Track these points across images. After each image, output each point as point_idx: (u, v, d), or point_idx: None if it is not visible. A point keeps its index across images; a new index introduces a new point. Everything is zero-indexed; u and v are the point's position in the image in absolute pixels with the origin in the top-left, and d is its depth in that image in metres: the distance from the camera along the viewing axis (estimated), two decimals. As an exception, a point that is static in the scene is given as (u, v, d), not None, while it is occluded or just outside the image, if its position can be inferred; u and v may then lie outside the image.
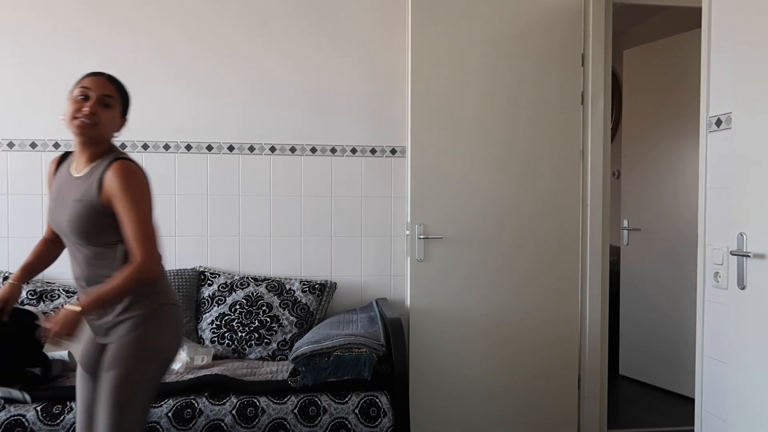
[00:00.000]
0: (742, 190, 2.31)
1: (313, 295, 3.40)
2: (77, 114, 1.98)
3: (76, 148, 2.06)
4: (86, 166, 2.04)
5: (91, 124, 1.98)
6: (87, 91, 2.01)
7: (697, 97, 2.78)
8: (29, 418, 2.51)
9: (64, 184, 2.07)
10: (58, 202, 2.06)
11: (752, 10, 2.27)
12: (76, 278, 2.10)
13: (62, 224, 2.03)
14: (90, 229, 2.00)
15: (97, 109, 2.00)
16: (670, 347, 4.40)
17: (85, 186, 2.00)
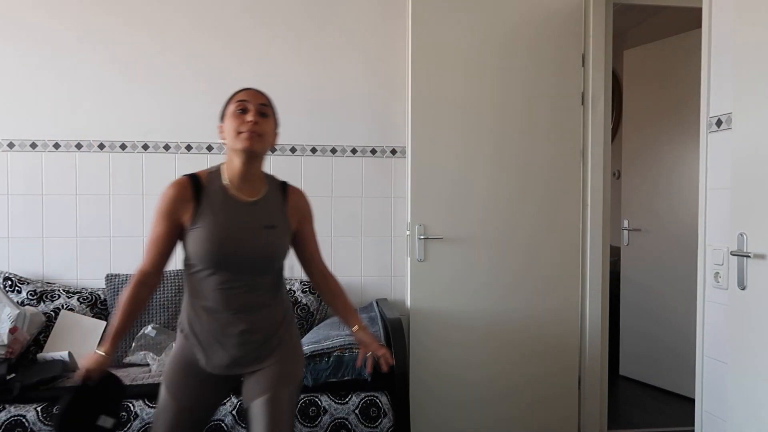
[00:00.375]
0: (743, 191, 2.31)
1: (313, 295, 3.40)
2: (242, 128, 1.91)
3: (238, 168, 1.95)
4: (255, 189, 1.99)
5: (258, 135, 1.92)
6: (245, 104, 1.95)
7: (698, 97, 2.78)
8: (29, 418, 2.52)
9: (233, 211, 1.94)
10: (235, 230, 1.92)
11: (752, 11, 2.27)
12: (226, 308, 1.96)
13: (246, 252, 1.92)
14: (282, 254, 2.03)
15: (260, 120, 1.94)
16: (671, 348, 4.40)
17: (269, 211, 1.99)
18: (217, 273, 1.92)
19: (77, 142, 3.45)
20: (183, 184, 1.94)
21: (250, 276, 1.96)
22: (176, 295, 3.27)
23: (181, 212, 1.92)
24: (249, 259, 1.93)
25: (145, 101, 3.49)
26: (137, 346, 3.06)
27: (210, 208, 1.92)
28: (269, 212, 1.99)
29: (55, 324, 3.14)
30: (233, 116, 1.94)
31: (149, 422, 2.56)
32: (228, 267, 1.92)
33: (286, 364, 2.03)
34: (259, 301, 1.99)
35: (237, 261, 1.92)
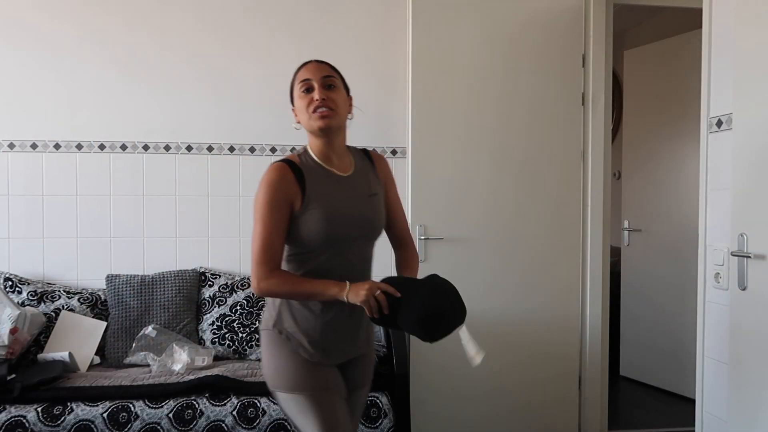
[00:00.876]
0: (743, 191, 2.31)
1: (313, 295, 3.40)
2: (311, 107, 1.87)
3: (322, 147, 1.92)
4: (345, 161, 1.97)
5: (330, 110, 1.86)
6: (308, 83, 1.89)
7: (698, 97, 2.78)
8: (30, 419, 2.51)
9: (339, 186, 1.92)
10: (347, 204, 1.90)
11: (752, 11, 2.27)
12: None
13: (361, 224, 1.92)
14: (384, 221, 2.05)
15: (328, 94, 1.88)
16: (671, 348, 4.40)
17: (367, 180, 1.99)
18: (333, 252, 1.88)
19: (77, 143, 3.45)
20: (283, 168, 1.86)
21: (362, 251, 1.97)
22: (176, 296, 3.27)
23: (291, 196, 1.84)
24: (364, 230, 1.94)
25: (146, 101, 3.49)
26: (138, 347, 3.06)
27: (316, 188, 1.87)
28: (368, 181, 1.99)
29: (56, 324, 3.14)
30: (300, 97, 1.90)
31: (149, 423, 2.56)
32: (344, 244, 1.89)
33: (372, 352, 2.14)
34: (368, 273, 2.02)
35: (354, 235, 1.91)
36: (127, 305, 3.24)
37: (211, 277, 3.44)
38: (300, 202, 1.84)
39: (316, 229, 1.84)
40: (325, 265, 1.88)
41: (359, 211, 1.93)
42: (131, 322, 3.21)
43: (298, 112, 1.93)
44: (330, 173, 1.92)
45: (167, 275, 3.35)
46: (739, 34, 2.34)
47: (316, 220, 1.83)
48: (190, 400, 2.63)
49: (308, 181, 1.86)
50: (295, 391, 1.87)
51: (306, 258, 1.90)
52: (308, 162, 1.92)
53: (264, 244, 1.80)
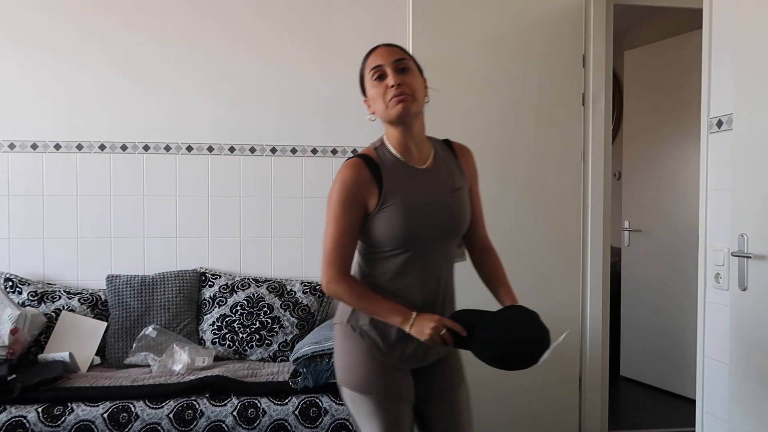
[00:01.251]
0: (743, 191, 2.31)
1: (314, 296, 3.40)
2: (387, 95, 1.77)
3: (400, 137, 1.83)
4: (425, 153, 1.86)
5: (408, 95, 1.75)
6: (381, 69, 1.79)
7: (698, 98, 2.78)
8: (30, 419, 2.51)
9: (418, 181, 1.83)
10: (427, 200, 1.81)
11: (753, 12, 2.27)
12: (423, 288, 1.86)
13: (442, 220, 1.83)
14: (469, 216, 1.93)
15: (403, 78, 1.77)
16: (671, 348, 4.40)
17: (450, 172, 1.88)
18: (412, 253, 1.80)
19: (78, 143, 3.45)
20: (358, 165, 1.79)
21: (443, 248, 1.87)
22: (177, 296, 3.27)
23: (366, 195, 1.77)
24: (446, 229, 1.84)
25: (146, 102, 3.49)
26: (138, 347, 3.06)
27: (393, 183, 1.78)
28: (450, 174, 1.88)
29: (56, 325, 3.14)
30: (373, 86, 1.80)
31: (150, 423, 2.56)
32: (424, 243, 1.81)
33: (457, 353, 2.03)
34: (449, 275, 1.95)
35: (435, 234, 1.82)
36: (127, 305, 3.24)
37: (211, 277, 3.44)
38: (376, 200, 1.77)
39: (393, 227, 1.76)
40: (402, 268, 1.82)
41: (441, 208, 1.83)
42: (131, 322, 3.21)
43: (371, 102, 1.84)
44: (409, 167, 1.83)
45: (167, 275, 3.35)
46: (739, 35, 2.34)
47: (393, 217, 1.76)
48: (190, 401, 2.63)
49: (385, 178, 1.78)
50: (364, 392, 1.83)
51: (381, 257, 1.83)
52: (385, 156, 1.83)
53: (335, 246, 1.76)
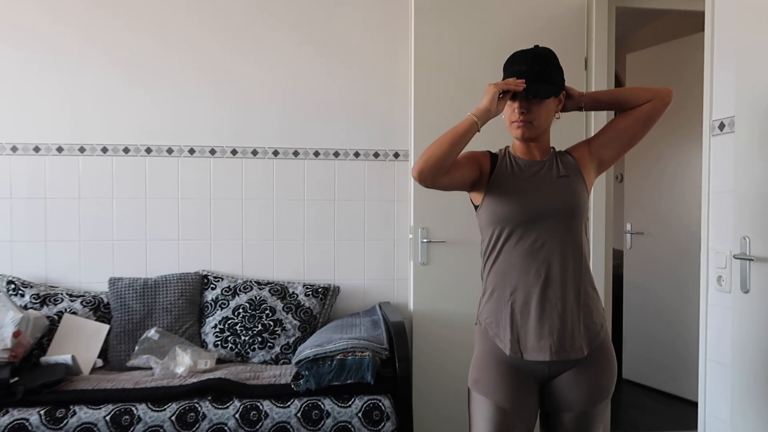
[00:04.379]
0: (746, 194, 2.30)
1: (316, 298, 3.41)
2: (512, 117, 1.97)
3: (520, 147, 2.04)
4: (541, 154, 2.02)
5: (528, 123, 1.95)
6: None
7: (700, 100, 2.78)
8: (33, 421, 2.51)
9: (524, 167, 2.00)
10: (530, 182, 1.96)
11: (755, 14, 2.27)
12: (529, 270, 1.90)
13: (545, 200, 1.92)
14: (580, 204, 1.96)
15: (530, 107, 1.94)
16: (674, 351, 4.39)
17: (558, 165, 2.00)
18: (519, 232, 1.90)
19: (80, 146, 3.45)
20: (483, 153, 2.05)
21: (556, 230, 1.90)
22: (179, 299, 3.28)
23: (481, 165, 1.99)
24: (549, 208, 1.90)
25: (148, 104, 3.49)
26: (140, 350, 3.06)
27: (502, 171, 1.98)
28: (559, 166, 1.99)
29: (59, 327, 3.14)
30: (505, 100, 1.93)
31: (152, 426, 2.56)
32: (528, 221, 1.90)
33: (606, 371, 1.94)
34: (564, 265, 1.90)
35: (538, 212, 1.90)
36: (129, 308, 3.24)
37: (213, 280, 3.44)
38: (486, 182, 1.97)
39: (496, 206, 1.92)
40: (515, 251, 1.91)
41: (544, 188, 1.93)
42: (134, 325, 3.21)
43: (505, 114, 2.00)
44: (518, 158, 2.01)
45: (170, 278, 3.35)
46: (741, 37, 2.34)
47: (497, 197, 1.93)
48: (192, 403, 2.63)
49: (498, 166, 1.99)
50: (478, 391, 1.94)
51: (495, 245, 1.95)
52: (504, 152, 2.06)
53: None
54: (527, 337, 1.88)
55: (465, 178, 1.94)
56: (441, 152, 1.83)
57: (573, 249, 1.92)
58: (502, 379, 1.90)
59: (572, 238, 1.92)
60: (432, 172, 1.82)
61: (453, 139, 1.83)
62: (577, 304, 1.91)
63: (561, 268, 1.89)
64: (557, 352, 1.87)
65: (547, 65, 1.96)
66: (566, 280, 1.90)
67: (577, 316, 1.90)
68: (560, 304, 1.88)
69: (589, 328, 1.91)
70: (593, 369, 1.92)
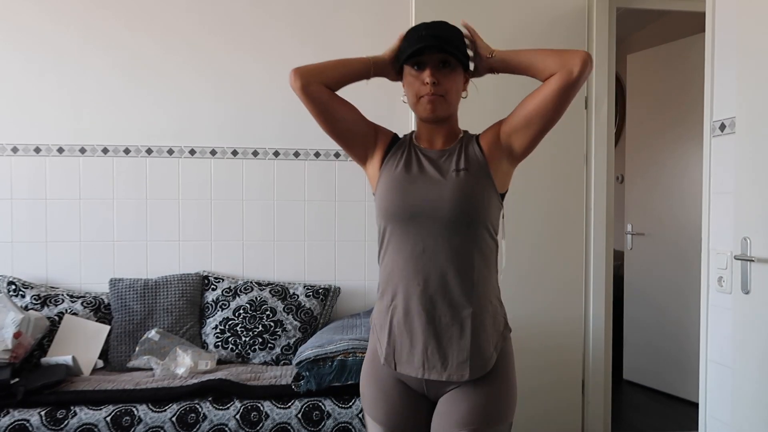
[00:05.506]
0: (746, 195, 2.30)
1: (316, 299, 3.41)
2: (421, 92, 1.72)
3: (424, 129, 1.82)
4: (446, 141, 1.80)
5: (440, 97, 1.70)
6: (421, 59, 1.72)
7: (701, 101, 2.78)
8: (33, 422, 2.51)
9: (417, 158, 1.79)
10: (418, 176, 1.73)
11: (756, 15, 2.27)
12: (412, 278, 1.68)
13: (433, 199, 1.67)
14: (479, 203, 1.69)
15: (441, 79, 1.70)
16: (675, 352, 4.39)
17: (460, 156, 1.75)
18: (403, 232, 1.68)
19: (81, 147, 3.46)
20: (387, 131, 1.91)
21: (436, 236, 1.65)
22: (180, 300, 3.28)
23: (376, 138, 1.88)
24: (431, 209, 1.65)
25: (149, 105, 3.50)
26: (141, 351, 3.06)
27: (396, 157, 1.78)
28: (461, 157, 1.72)
29: (59, 328, 3.14)
30: (410, 72, 1.74)
31: (153, 426, 2.56)
32: (408, 220, 1.67)
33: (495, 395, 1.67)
34: (446, 277, 1.65)
35: (417, 212, 1.66)
36: (130, 309, 3.24)
37: (214, 280, 3.44)
38: (379, 164, 1.82)
39: (380, 200, 1.74)
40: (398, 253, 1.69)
41: (435, 185, 1.68)
42: (134, 325, 3.21)
43: (405, 84, 1.79)
44: (415, 146, 1.81)
45: (170, 279, 3.35)
46: (742, 38, 2.34)
47: (382, 190, 1.75)
48: (193, 404, 2.63)
49: (392, 151, 1.82)
50: (363, 402, 1.82)
51: (382, 242, 1.76)
52: (405, 137, 1.88)
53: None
54: (402, 349, 1.69)
55: (344, 117, 1.89)
56: (323, 64, 1.89)
57: (464, 258, 1.65)
58: (382, 394, 1.74)
59: (464, 245, 1.65)
60: (308, 72, 1.85)
61: (340, 62, 1.90)
62: (460, 324, 1.65)
63: (442, 280, 1.65)
64: (429, 370, 1.67)
65: (456, 33, 1.79)
66: (449, 293, 1.65)
67: (458, 336, 1.65)
68: (440, 319, 1.66)
69: (477, 352, 1.65)
70: (481, 390, 1.66)
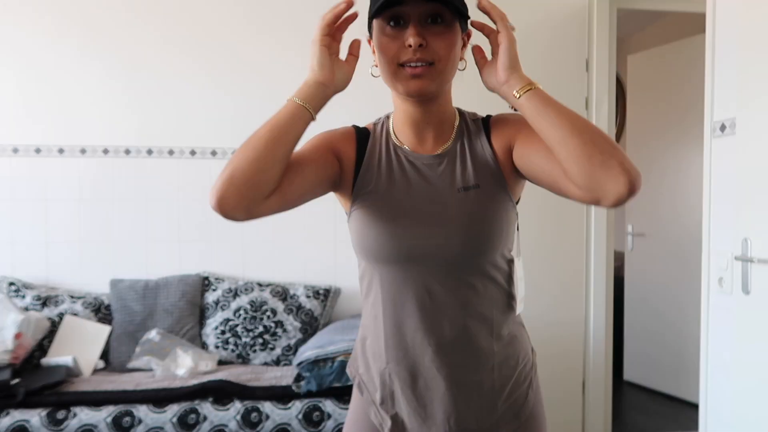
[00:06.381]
0: (747, 195, 2.30)
1: (317, 300, 3.40)
2: (401, 58, 1.24)
3: (408, 116, 1.37)
4: (440, 135, 1.36)
5: (432, 65, 1.23)
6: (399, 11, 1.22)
7: (702, 102, 2.78)
8: (33, 423, 2.52)
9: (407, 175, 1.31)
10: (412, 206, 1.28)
11: (756, 15, 2.27)
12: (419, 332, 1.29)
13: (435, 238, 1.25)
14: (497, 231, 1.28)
15: (429, 38, 1.21)
16: (675, 353, 4.39)
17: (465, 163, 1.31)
18: (397, 278, 1.27)
19: (81, 147, 3.46)
20: (344, 132, 1.40)
21: (451, 276, 1.25)
22: (180, 300, 3.28)
23: (340, 156, 1.34)
24: (444, 247, 1.23)
25: (149, 106, 3.49)
26: (141, 351, 3.06)
27: (372, 170, 1.30)
28: (465, 165, 1.28)
29: (60, 329, 3.14)
30: (384, 32, 1.23)
31: (153, 427, 2.56)
32: (407, 262, 1.26)
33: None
34: (466, 323, 1.28)
35: (420, 253, 1.24)
36: (130, 310, 3.24)
37: (214, 281, 3.44)
38: (351, 181, 1.32)
39: (361, 235, 1.30)
40: (392, 298, 1.29)
41: (436, 216, 1.25)
42: (135, 326, 3.21)
43: (377, 53, 1.27)
44: (401, 149, 1.32)
45: (171, 280, 3.35)
46: (743, 38, 2.34)
47: (362, 222, 1.29)
48: (193, 405, 2.63)
49: (367, 161, 1.31)
50: None
51: (365, 280, 1.37)
52: (380, 135, 1.36)
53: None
54: (411, 421, 1.33)
55: (313, 187, 1.29)
56: (251, 162, 1.13)
57: (482, 297, 1.28)
58: None
59: (480, 281, 1.28)
60: (241, 196, 1.14)
61: (270, 139, 1.16)
62: (490, 381, 1.32)
63: (459, 333, 1.28)
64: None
65: None
66: (470, 346, 1.29)
67: (489, 395, 1.32)
68: (463, 381, 1.30)
69: (510, 396, 1.35)
70: None
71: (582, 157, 1.09)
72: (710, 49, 2.72)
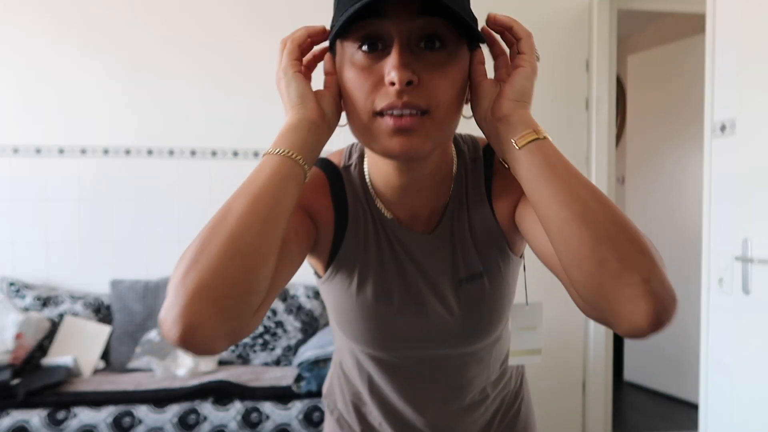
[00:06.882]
0: (747, 195, 2.30)
1: (317, 300, 3.40)
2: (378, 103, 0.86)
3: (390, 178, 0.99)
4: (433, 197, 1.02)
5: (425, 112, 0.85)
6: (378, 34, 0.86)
7: (702, 102, 2.78)
8: (34, 423, 2.52)
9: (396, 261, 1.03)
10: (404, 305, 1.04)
11: (757, 15, 2.27)
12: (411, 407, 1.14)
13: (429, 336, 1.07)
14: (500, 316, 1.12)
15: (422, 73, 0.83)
16: (675, 353, 4.39)
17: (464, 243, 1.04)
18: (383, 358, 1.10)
19: (81, 148, 3.46)
20: (319, 183, 1.02)
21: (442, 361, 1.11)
22: (180, 301, 3.27)
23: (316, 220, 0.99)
24: (442, 341, 1.07)
25: (149, 106, 3.49)
26: (141, 352, 3.06)
27: (360, 252, 1.01)
28: (466, 246, 1.02)
29: (60, 329, 3.14)
30: (351, 64, 0.88)
31: (153, 428, 2.56)
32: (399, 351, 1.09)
33: None
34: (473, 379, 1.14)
35: (416, 345, 1.07)
36: (131, 310, 3.24)
37: (214, 281, 3.44)
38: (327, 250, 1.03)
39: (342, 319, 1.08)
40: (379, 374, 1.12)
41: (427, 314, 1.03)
42: (135, 326, 3.21)
43: (343, 90, 0.92)
44: (389, 225, 1.01)
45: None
46: (742, 38, 2.35)
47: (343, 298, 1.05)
48: (193, 405, 2.63)
49: (350, 228, 1.00)
50: None
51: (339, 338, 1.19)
52: (362, 195, 1.01)
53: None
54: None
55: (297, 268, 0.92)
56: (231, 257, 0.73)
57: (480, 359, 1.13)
58: None
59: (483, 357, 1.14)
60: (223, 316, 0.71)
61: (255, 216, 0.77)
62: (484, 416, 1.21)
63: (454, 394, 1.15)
64: None
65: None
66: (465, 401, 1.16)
67: (484, 424, 1.21)
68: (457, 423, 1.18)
69: (504, 419, 1.25)
70: None
71: (590, 259, 0.76)
72: (710, 49, 2.72)
